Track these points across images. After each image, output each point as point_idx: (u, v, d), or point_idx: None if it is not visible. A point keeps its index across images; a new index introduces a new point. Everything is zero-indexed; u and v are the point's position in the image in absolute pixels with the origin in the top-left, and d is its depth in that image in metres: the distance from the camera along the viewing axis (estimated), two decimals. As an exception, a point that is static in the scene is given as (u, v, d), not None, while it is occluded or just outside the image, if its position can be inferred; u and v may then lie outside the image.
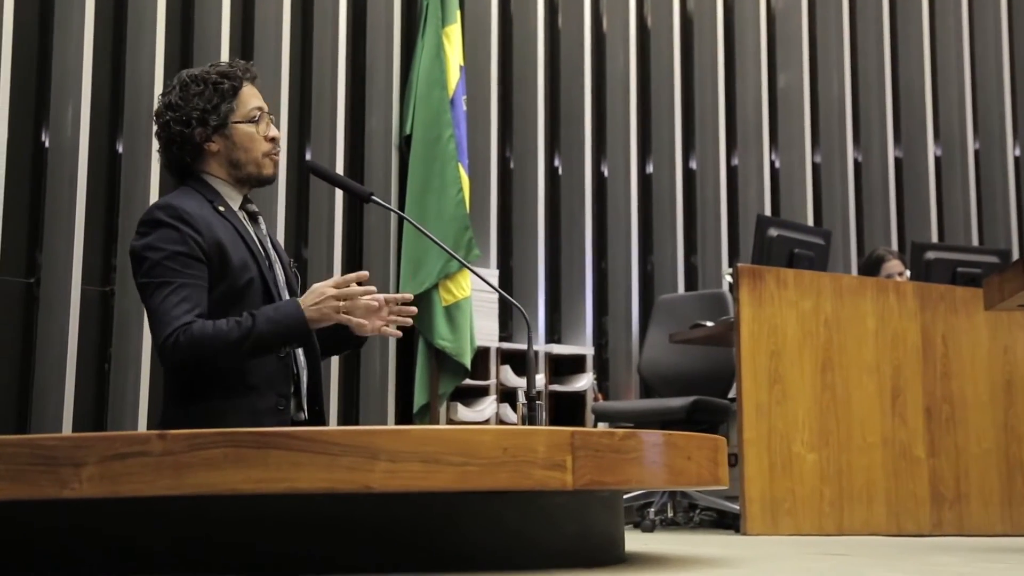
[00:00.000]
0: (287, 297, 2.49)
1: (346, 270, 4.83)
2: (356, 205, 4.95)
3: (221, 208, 2.44)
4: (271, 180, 2.53)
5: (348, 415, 4.79)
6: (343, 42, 4.81)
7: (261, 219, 2.57)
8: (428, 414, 4.69)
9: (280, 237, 4.47)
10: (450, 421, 4.75)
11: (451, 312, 4.71)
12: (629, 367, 5.53)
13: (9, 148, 4.12)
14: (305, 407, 2.47)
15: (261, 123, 2.49)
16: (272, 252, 2.54)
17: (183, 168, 2.49)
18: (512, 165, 5.53)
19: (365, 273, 2.40)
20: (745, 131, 6.20)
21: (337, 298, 2.33)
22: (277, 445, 1.72)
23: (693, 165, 6.13)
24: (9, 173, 4.11)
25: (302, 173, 4.84)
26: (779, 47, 6.38)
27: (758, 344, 4.05)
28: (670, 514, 4.88)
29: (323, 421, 2.52)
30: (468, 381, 4.84)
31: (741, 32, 6.29)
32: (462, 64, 4.93)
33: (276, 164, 2.51)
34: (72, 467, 1.75)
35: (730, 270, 4.26)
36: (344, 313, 2.34)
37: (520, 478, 1.76)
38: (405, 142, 4.90)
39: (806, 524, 4.00)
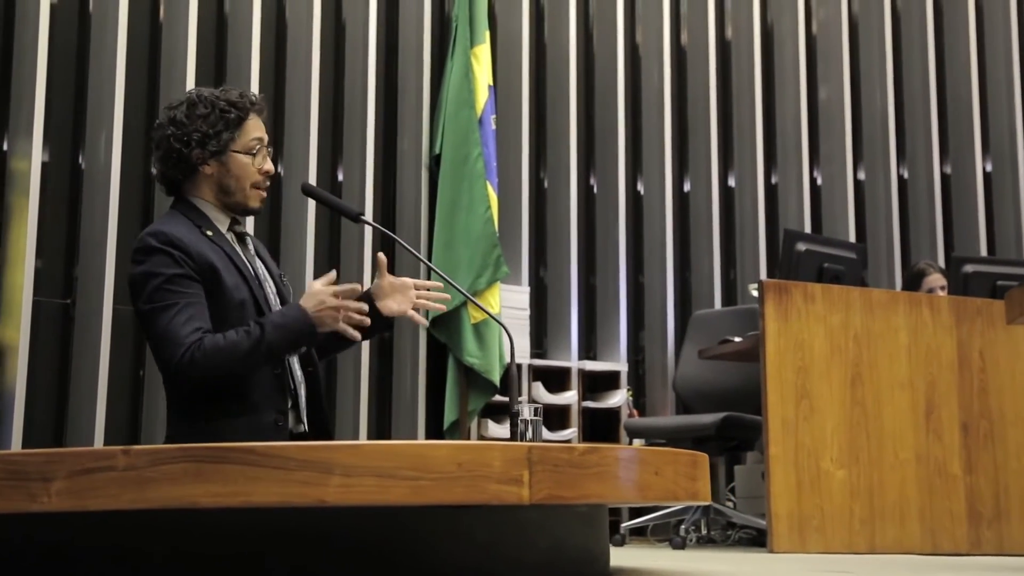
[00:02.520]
0: None
1: (377, 289, 4.86)
2: (387, 225, 4.99)
3: (209, 232, 2.48)
4: (254, 212, 2.57)
5: (380, 431, 4.82)
6: (373, 64, 4.86)
7: (249, 239, 2.61)
8: (458, 431, 4.70)
9: (310, 256, 4.52)
10: (481, 437, 4.76)
11: (480, 329, 4.72)
12: (665, 383, 5.49)
13: (49, 172, 4.24)
14: (305, 420, 2.50)
15: (258, 155, 2.52)
16: (261, 271, 2.57)
17: (173, 184, 2.54)
18: (545, 183, 5.53)
19: (357, 286, 2.43)
20: (785, 147, 6.13)
21: (335, 307, 2.36)
22: (234, 460, 1.74)
23: (732, 183, 6.08)
24: (49, 197, 4.23)
25: (335, 193, 4.89)
26: (819, 59, 6.31)
27: (784, 359, 4.00)
28: (704, 531, 4.83)
29: (326, 432, 2.54)
30: (499, 398, 4.85)
31: (780, 44, 6.23)
32: (491, 84, 4.96)
33: (262, 198, 2.55)
34: (42, 482, 1.79)
35: (755, 285, 4.21)
36: (337, 320, 2.37)
37: (475, 492, 1.76)
38: (435, 162, 4.93)
39: (835, 542, 3.92)
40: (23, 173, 3.97)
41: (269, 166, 2.54)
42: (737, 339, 4.49)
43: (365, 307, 2.43)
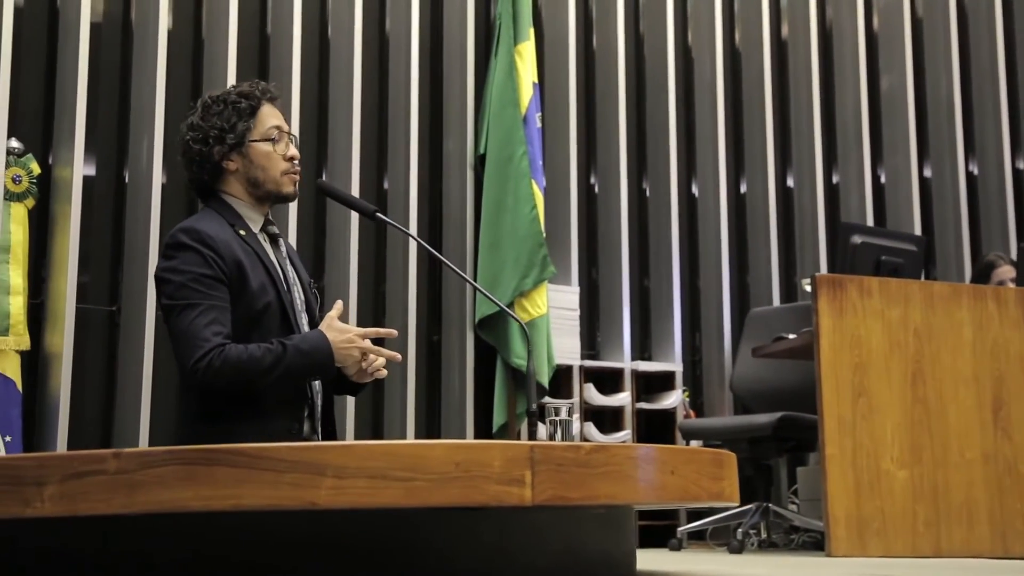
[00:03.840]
0: (305, 321, 2.48)
1: (424, 292, 4.82)
2: (434, 227, 4.95)
3: (242, 232, 2.44)
4: (291, 198, 2.53)
5: (430, 435, 4.77)
6: (416, 66, 4.81)
7: (282, 241, 2.57)
8: (507, 433, 4.63)
9: (354, 260, 4.49)
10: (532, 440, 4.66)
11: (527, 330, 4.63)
12: (722, 383, 5.35)
13: (93, 183, 4.27)
14: (319, 429, 2.45)
15: (280, 143, 2.48)
16: (291, 275, 2.53)
17: (204, 187, 2.51)
18: (596, 186, 5.43)
19: (394, 332, 2.43)
20: (845, 141, 5.96)
21: (361, 349, 2.34)
22: (224, 462, 1.69)
23: (790, 182, 5.92)
24: (95, 207, 4.26)
25: (380, 197, 4.86)
26: (881, 48, 6.12)
27: (839, 356, 3.85)
28: (764, 535, 4.70)
29: (335, 439, 2.50)
30: (548, 400, 4.76)
31: (839, 33, 6.05)
32: (535, 81, 4.88)
33: (295, 183, 2.52)
34: (35, 486, 1.75)
35: (807, 280, 4.07)
36: (360, 362, 2.37)
37: (473, 493, 1.68)
38: (479, 162, 4.87)
39: (898, 545, 3.77)
40: (66, 183, 4.00)
41: (294, 151, 2.50)
42: (791, 336, 4.34)
43: (394, 357, 2.42)
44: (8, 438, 3.74)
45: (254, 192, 2.48)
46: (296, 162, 2.51)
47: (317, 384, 2.45)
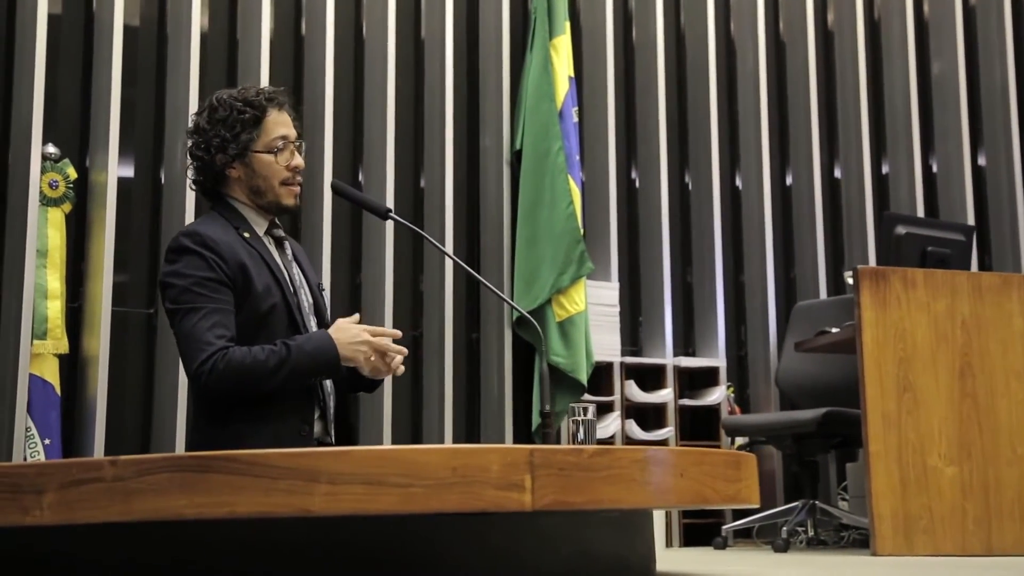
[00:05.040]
0: (312, 322, 2.46)
1: (462, 288, 4.78)
2: (471, 224, 4.91)
3: (246, 234, 2.43)
4: (291, 210, 2.50)
5: (470, 434, 4.73)
6: (451, 63, 4.77)
7: (288, 244, 2.54)
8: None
9: (389, 258, 4.46)
10: (572, 439, 4.60)
11: (565, 327, 4.58)
12: (768, 378, 5.25)
13: (131, 186, 4.29)
14: (332, 431, 2.42)
15: (284, 152, 2.45)
16: (298, 277, 2.51)
17: (207, 191, 2.50)
18: (637, 181, 5.35)
19: (399, 332, 2.40)
20: (894, 130, 5.82)
21: (371, 345, 2.32)
22: (218, 469, 1.66)
23: (837, 173, 5.80)
24: (132, 210, 4.28)
25: (417, 195, 4.83)
26: (931, 31, 5.96)
27: (883, 350, 3.75)
28: (811, 533, 4.60)
29: (352, 442, 2.47)
30: (591, 397, 4.70)
31: (886, 17, 5.90)
32: (571, 75, 4.81)
33: (295, 194, 2.48)
34: (35, 494, 1.74)
35: (850, 272, 3.97)
36: (369, 360, 2.34)
37: (471, 499, 1.64)
38: (516, 158, 4.82)
39: (947, 543, 3.66)
40: (102, 187, 4.02)
41: (298, 161, 2.47)
42: (834, 330, 4.23)
43: (402, 352, 2.39)
44: (48, 441, 3.77)
45: (256, 200, 2.47)
46: (299, 172, 2.48)
47: (329, 385, 2.43)
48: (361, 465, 1.64)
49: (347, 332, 2.31)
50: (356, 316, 2.36)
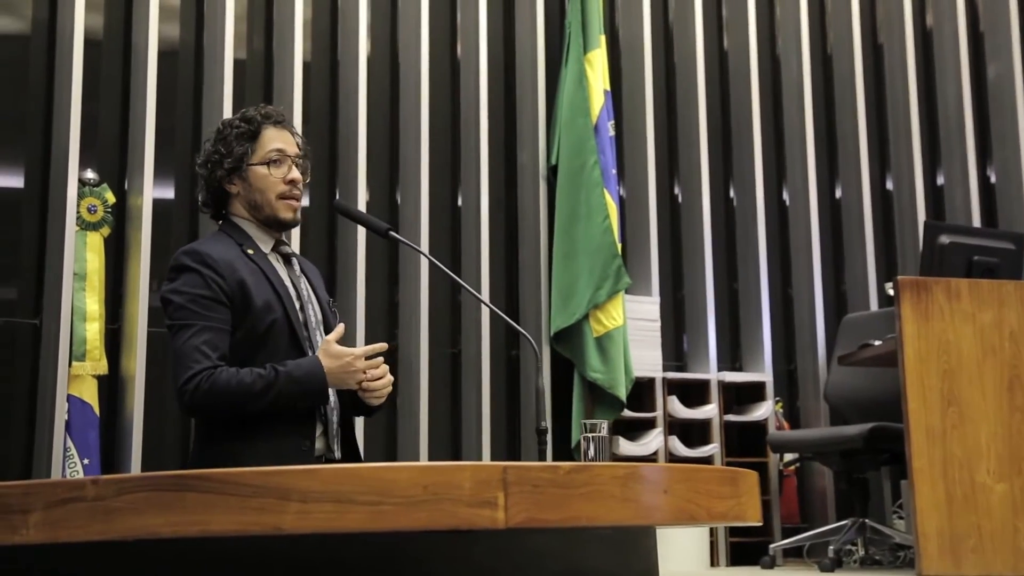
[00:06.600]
0: (319, 337, 2.47)
1: (502, 304, 4.78)
2: (509, 240, 4.90)
3: (250, 251, 2.45)
4: (290, 224, 2.52)
5: (510, 452, 4.72)
6: (485, 80, 4.78)
7: (295, 260, 2.56)
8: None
9: (425, 276, 4.47)
10: (612, 456, 4.57)
11: (602, 343, 4.54)
12: (818, 393, 5.15)
13: (172, 208, 4.37)
14: (337, 447, 2.43)
15: (281, 166, 2.48)
16: (306, 293, 2.52)
17: (215, 213, 2.54)
18: (680, 196, 5.31)
19: (385, 345, 2.40)
20: (948, 138, 5.69)
21: (363, 369, 2.34)
22: (193, 487, 1.67)
23: (889, 185, 5.69)
24: (172, 232, 4.35)
25: (454, 213, 4.84)
26: (985, 34, 5.82)
27: (926, 363, 3.66)
28: (862, 552, 4.51)
29: (358, 459, 2.48)
30: (631, 414, 4.66)
31: (938, 23, 5.78)
32: (607, 89, 4.79)
33: (294, 208, 2.50)
34: (21, 514, 1.77)
35: (890, 284, 3.89)
36: (363, 383, 2.36)
37: (441, 516, 1.62)
38: (551, 172, 4.81)
39: (998, 563, 3.54)
40: (138, 210, 4.10)
41: (295, 175, 2.49)
42: (877, 343, 4.14)
43: (388, 376, 2.40)
44: (87, 460, 3.85)
45: (256, 215, 2.50)
46: (297, 186, 2.50)
47: (334, 399, 2.43)
48: (331, 483, 1.64)
49: (337, 360, 2.32)
50: (340, 328, 2.36)
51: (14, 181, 4.15)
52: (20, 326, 4.04)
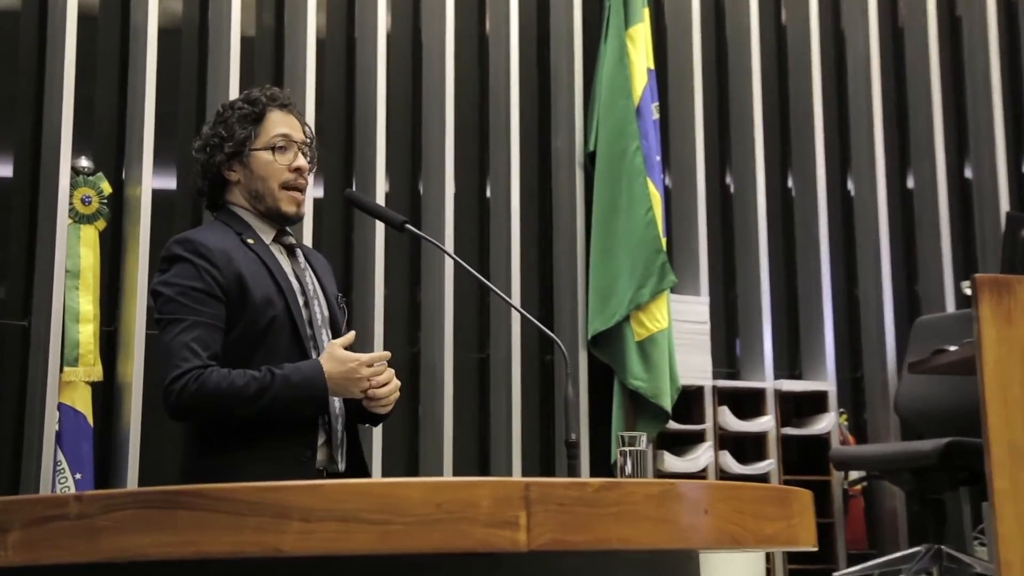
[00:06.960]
0: (326, 335, 2.48)
1: (535, 304, 4.77)
2: (543, 234, 4.89)
3: (250, 240, 2.46)
4: (293, 219, 2.52)
5: (544, 467, 4.71)
6: (516, 56, 4.77)
7: (300, 252, 2.57)
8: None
9: (449, 275, 4.47)
10: (657, 473, 4.55)
11: (645, 347, 4.52)
12: (887, 404, 5.11)
13: (169, 200, 4.40)
14: (342, 458, 2.43)
15: (286, 152, 2.49)
16: (311, 286, 2.52)
17: (211, 198, 2.55)
18: (728, 179, 5.28)
19: (388, 354, 2.42)
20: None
21: (368, 377, 2.35)
22: (184, 505, 1.68)
23: (968, 174, 5.64)
24: (174, 224, 4.37)
25: (482, 205, 4.84)
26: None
27: (1008, 371, 3.61)
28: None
29: (364, 471, 2.48)
30: (676, 425, 4.63)
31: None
32: (651, 67, 4.77)
33: (298, 201, 2.50)
34: (0, 533, 1.79)
35: (967, 283, 3.85)
36: (367, 392, 2.37)
37: (456, 538, 1.62)
38: (590, 159, 4.80)
39: (1087, 594, 3.50)
40: (136, 201, 4.12)
41: (301, 162, 2.49)
42: (952, 348, 4.10)
43: (394, 382, 2.41)
44: (79, 475, 3.87)
45: (257, 206, 2.50)
46: (303, 175, 2.50)
47: (338, 407, 2.43)
48: (335, 500, 1.63)
49: (342, 365, 2.31)
50: (351, 335, 2.36)
51: (1, 170, 4.19)
52: (7, 328, 4.07)
